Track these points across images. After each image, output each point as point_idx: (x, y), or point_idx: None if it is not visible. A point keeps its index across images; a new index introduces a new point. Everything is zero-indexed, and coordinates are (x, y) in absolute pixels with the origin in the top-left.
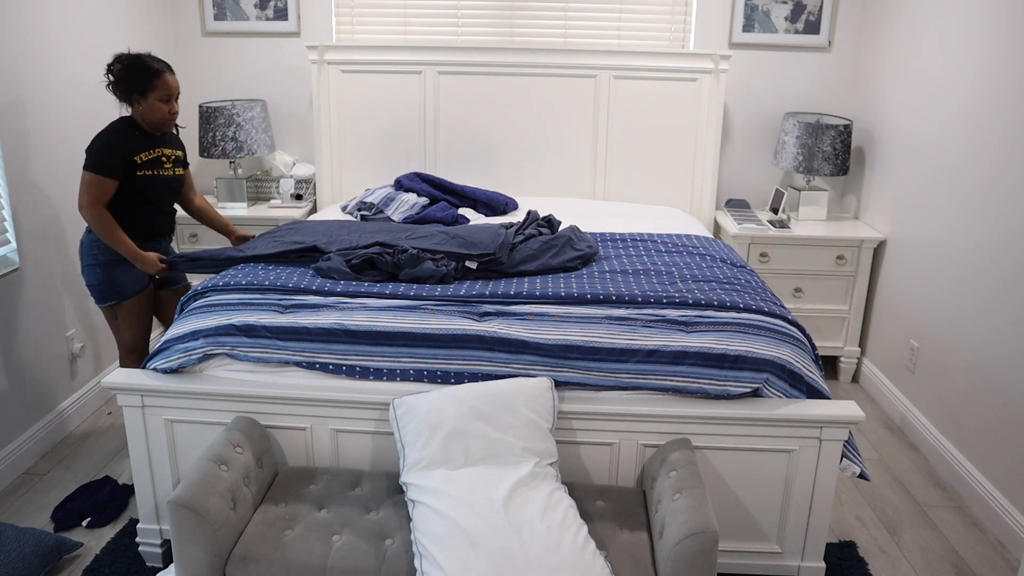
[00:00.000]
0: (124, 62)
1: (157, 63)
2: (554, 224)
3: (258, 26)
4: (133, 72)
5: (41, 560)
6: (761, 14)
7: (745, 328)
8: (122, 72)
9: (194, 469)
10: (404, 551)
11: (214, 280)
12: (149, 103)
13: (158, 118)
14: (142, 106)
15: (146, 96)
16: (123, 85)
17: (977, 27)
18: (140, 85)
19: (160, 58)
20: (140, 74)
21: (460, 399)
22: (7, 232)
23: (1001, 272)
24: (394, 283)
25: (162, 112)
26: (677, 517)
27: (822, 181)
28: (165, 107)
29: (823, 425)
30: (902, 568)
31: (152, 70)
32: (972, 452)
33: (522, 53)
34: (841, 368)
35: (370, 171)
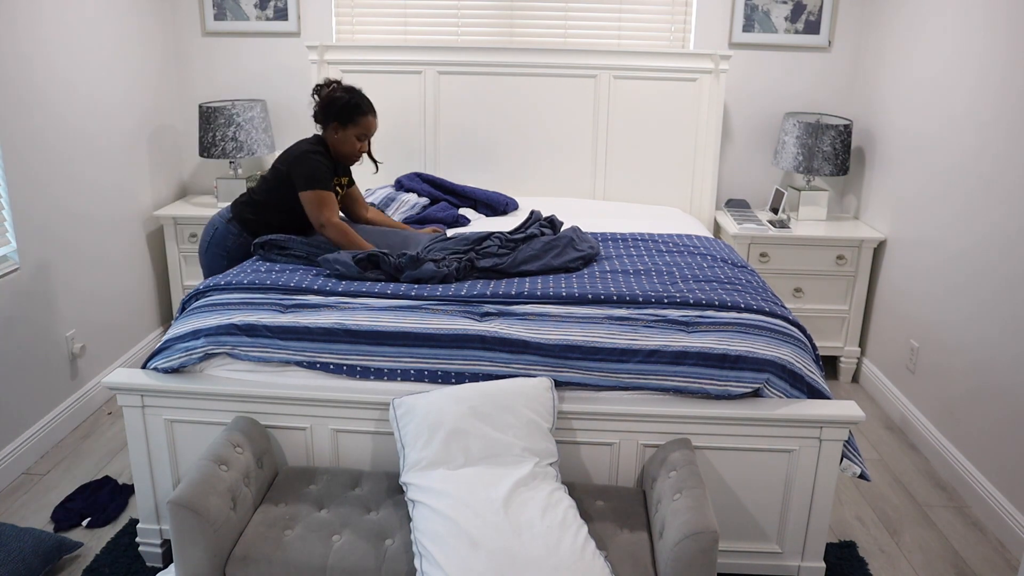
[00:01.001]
0: (333, 89)
1: (366, 103)
2: (556, 224)
3: (258, 26)
4: (343, 103)
5: (41, 560)
6: (761, 14)
7: (746, 328)
8: (331, 98)
9: (194, 469)
10: (404, 551)
11: (216, 280)
12: (346, 135)
13: (348, 151)
14: (338, 135)
15: (346, 128)
16: (328, 110)
17: (977, 27)
18: (345, 117)
19: (368, 97)
20: (348, 107)
21: (460, 399)
22: (7, 232)
23: (1001, 272)
24: (395, 283)
25: (353, 148)
26: (677, 517)
27: (822, 181)
28: (359, 144)
29: (823, 425)
30: (902, 568)
31: (360, 108)
32: (972, 452)
33: (522, 53)
34: (841, 368)
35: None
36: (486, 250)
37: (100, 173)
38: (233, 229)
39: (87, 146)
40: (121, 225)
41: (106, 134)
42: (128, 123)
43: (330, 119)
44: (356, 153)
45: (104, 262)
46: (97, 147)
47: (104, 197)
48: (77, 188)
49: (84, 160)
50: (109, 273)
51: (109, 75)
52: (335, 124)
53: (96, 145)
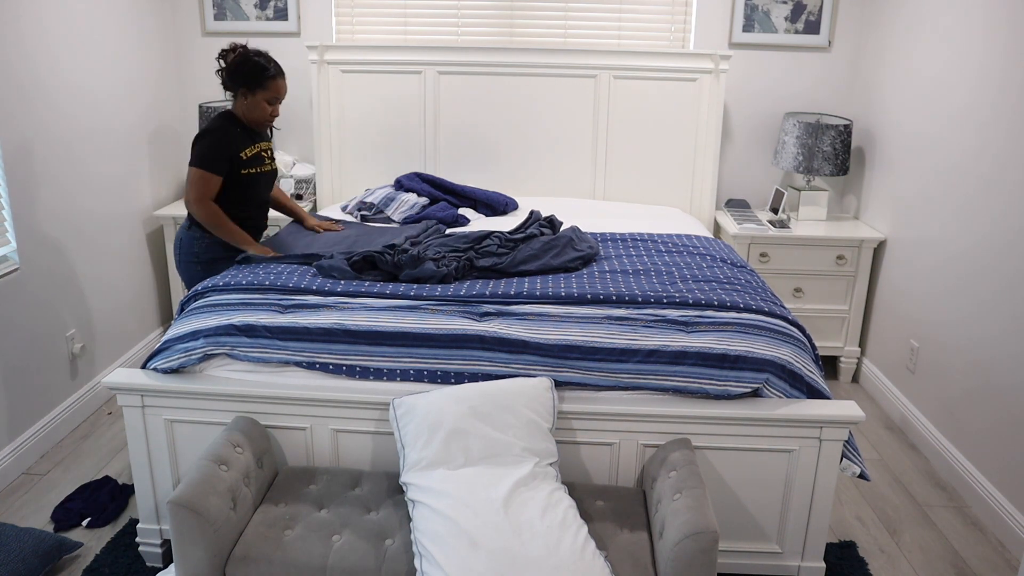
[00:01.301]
0: (241, 54)
1: (273, 65)
2: (556, 224)
3: (258, 26)
4: (248, 67)
5: (41, 560)
6: (761, 14)
7: (745, 328)
8: (237, 63)
9: (194, 469)
10: (404, 551)
11: (214, 280)
12: (255, 100)
13: (259, 117)
14: (248, 101)
15: (254, 93)
16: (235, 76)
17: (977, 27)
18: (252, 81)
19: (275, 60)
20: (255, 71)
21: (460, 399)
22: (7, 232)
23: (1001, 272)
24: (394, 283)
25: (265, 112)
26: (677, 517)
27: (822, 181)
28: (269, 108)
29: (823, 425)
30: (902, 568)
31: (267, 70)
32: (972, 452)
33: (522, 53)
34: (841, 368)
35: (370, 171)
36: (485, 249)
37: (100, 173)
38: (195, 234)
39: (87, 146)
40: (121, 225)
41: (106, 134)
42: (128, 123)
43: (238, 85)
44: (268, 118)
45: (104, 262)
46: (97, 147)
47: (104, 197)
48: (77, 188)
49: (84, 160)
50: (109, 273)
51: (109, 75)
52: (243, 90)
53: (96, 145)
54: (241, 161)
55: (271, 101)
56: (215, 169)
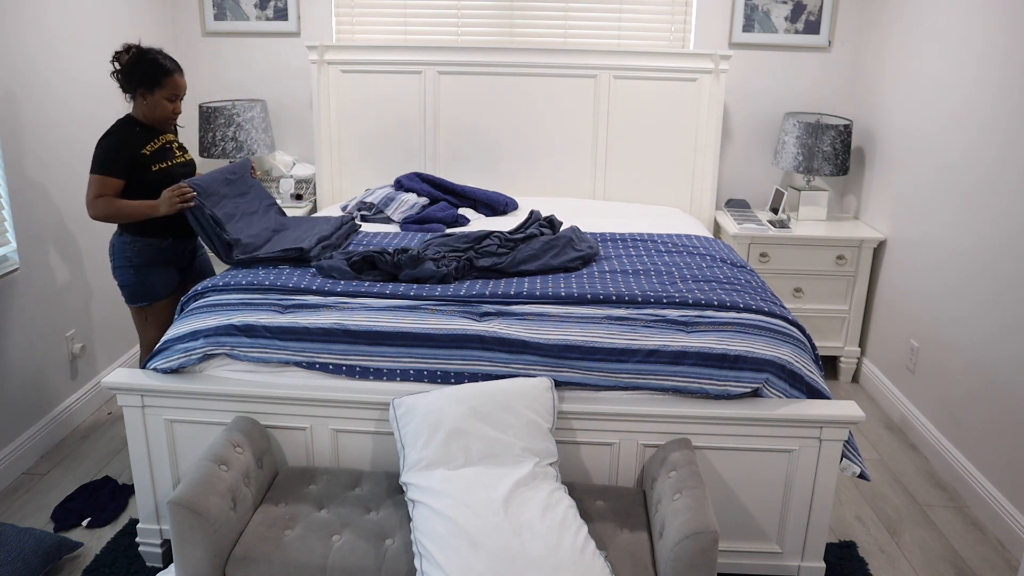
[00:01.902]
0: (135, 54)
1: (169, 61)
2: (556, 224)
3: (258, 26)
4: (144, 66)
5: (41, 560)
6: (761, 14)
7: (745, 328)
8: (132, 64)
9: (194, 469)
10: (404, 551)
11: (214, 280)
12: (155, 99)
13: (161, 115)
14: (147, 101)
15: (153, 92)
16: (131, 77)
17: (977, 27)
18: (149, 80)
19: (171, 56)
20: (151, 69)
21: (460, 399)
22: (7, 232)
23: (1001, 272)
24: (394, 283)
25: (166, 110)
26: (677, 517)
27: (822, 181)
28: (170, 106)
29: (823, 425)
30: (902, 568)
31: (164, 68)
32: (972, 452)
33: (522, 53)
34: (841, 368)
35: (370, 171)
36: (485, 249)
37: None
38: (126, 239)
39: (88, 146)
40: None
41: None
42: None
43: (135, 85)
44: (170, 115)
45: (104, 262)
46: None
47: None
48: (77, 188)
49: (84, 160)
50: (109, 273)
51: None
52: (142, 90)
53: None
54: (145, 158)
55: (171, 99)
56: (111, 172)
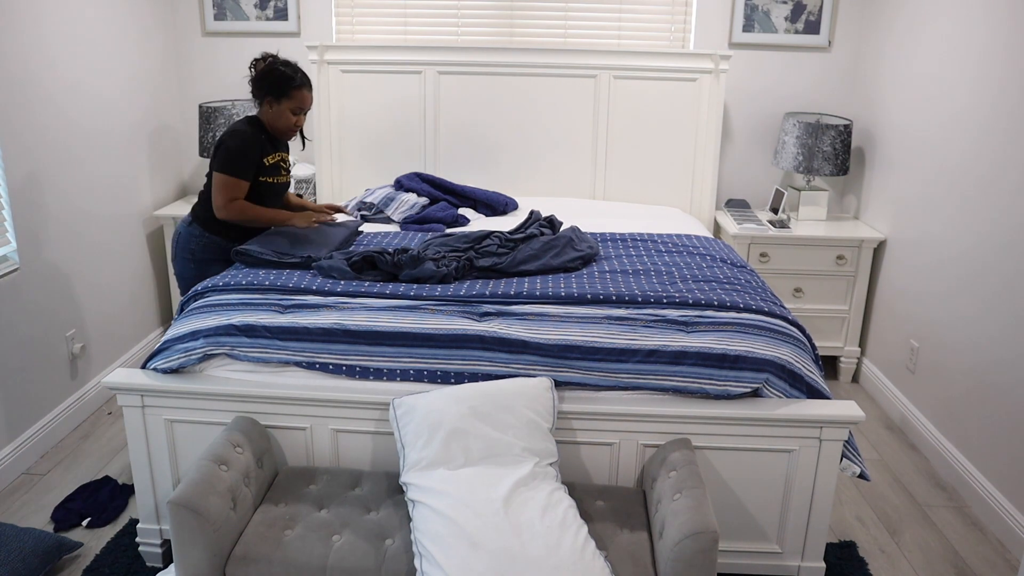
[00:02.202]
0: (269, 63)
1: (300, 75)
2: (556, 224)
3: (258, 26)
4: (275, 76)
5: (41, 560)
6: (761, 14)
7: (745, 328)
8: (264, 72)
9: (194, 469)
10: (404, 551)
11: (214, 280)
12: (281, 110)
13: (284, 126)
14: (273, 110)
15: (279, 102)
16: (262, 84)
17: (977, 27)
18: (278, 90)
19: (303, 70)
20: (282, 80)
21: (460, 399)
22: (7, 232)
23: (1001, 272)
24: (394, 283)
25: (290, 122)
26: (677, 517)
27: (822, 181)
28: (294, 118)
29: (823, 425)
30: (902, 568)
31: (293, 80)
32: (972, 452)
33: (522, 53)
34: (841, 368)
35: (370, 171)
36: (485, 249)
37: (100, 173)
38: (195, 231)
39: (87, 146)
40: (121, 225)
41: (106, 134)
42: (128, 123)
43: (264, 93)
44: (292, 128)
45: (104, 262)
46: (97, 147)
47: (104, 197)
48: (77, 188)
49: (84, 160)
50: (109, 273)
51: (109, 75)
52: (269, 99)
53: (96, 145)
54: (263, 168)
55: (296, 111)
56: (243, 175)
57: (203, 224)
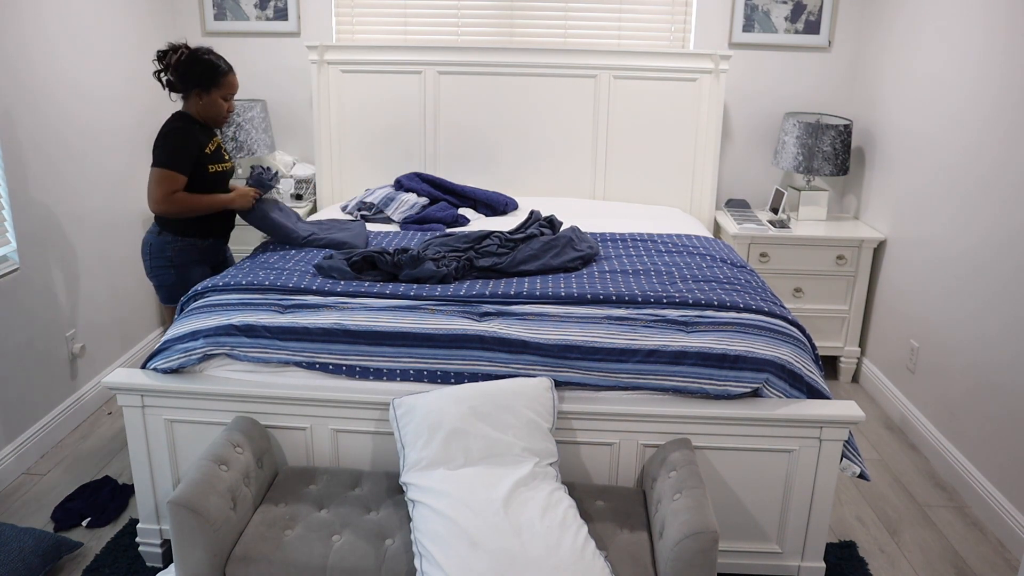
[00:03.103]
0: (188, 55)
1: (223, 61)
2: (556, 224)
3: (258, 26)
4: (200, 67)
5: (41, 560)
6: (761, 14)
7: (745, 328)
8: (187, 64)
9: (194, 469)
10: (404, 551)
11: (214, 280)
12: (211, 99)
13: (216, 114)
14: (203, 100)
15: (209, 92)
16: (186, 77)
17: (977, 27)
18: (206, 81)
19: (222, 55)
20: (208, 70)
21: (460, 399)
22: (7, 232)
23: (1001, 272)
24: (394, 283)
25: (221, 109)
26: (677, 517)
27: (822, 181)
28: (225, 104)
29: (823, 425)
30: (902, 568)
31: (220, 68)
32: (972, 452)
33: (522, 53)
34: (841, 368)
35: (370, 171)
36: (485, 249)
37: (100, 173)
38: (167, 238)
39: (87, 146)
40: (121, 225)
41: (106, 134)
42: (128, 123)
43: (191, 86)
44: (224, 114)
45: (104, 262)
46: (97, 147)
47: (104, 197)
48: (77, 188)
49: (84, 160)
50: (109, 273)
51: (109, 75)
52: (198, 90)
53: (96, 145)
54: (206, 157)
55: (226, 97)
56: (179, 167)
57: (174, 230)
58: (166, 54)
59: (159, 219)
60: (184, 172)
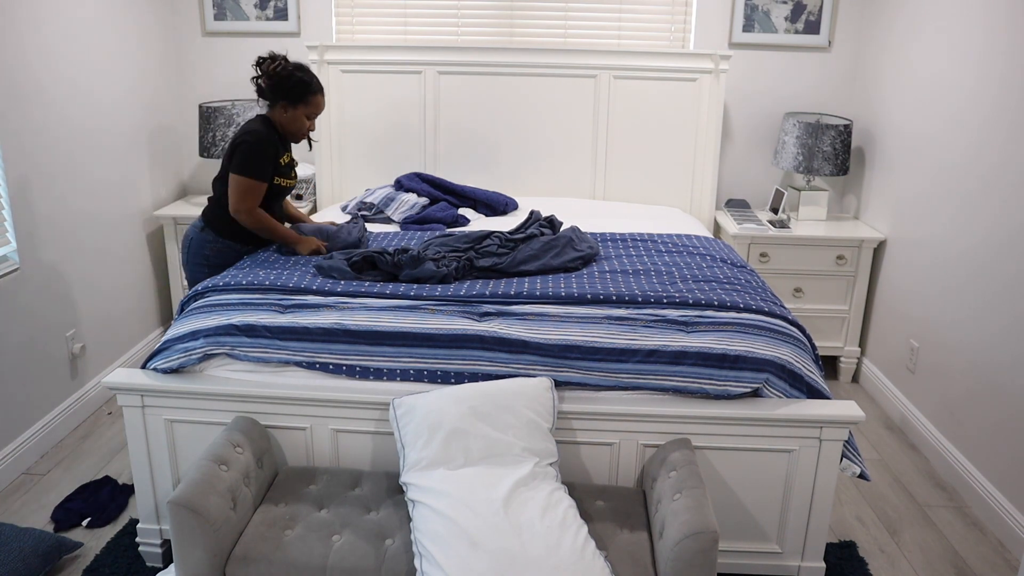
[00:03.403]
0: (284, 66)
1: (316, 81)
2: (556, 224)
3: (258, 26)
4: (293, 82)
5: (41, 560)
6: (761, 14)
7: (745, 328)
8: (282, 76)
9: (194, 469)
10: (404, 551)
11: (214, 280)
12: (296, 114)
13: (297, 130)
14: (288, 114)
15: (296, 107)
16: (279, 88)
17: (977, 27)
18: (296, 96)
19: (316, 75)
20: (300, 86)
21: (460, 399)
22: (7, 232)
23: (1001, 272)
24: (394, 283)
25: (303, 126)
26: (677, 517)
27: (822, 181)
28: (308, 123)
29: (823, 425)
30: (902, 568)
31: (311, 87)
32: (972, 452)
33: (522, 53)
34: (841, 368)
35: (370, 171)
36: (485, 249)
37: (100, 173)
38: (208, 236)
39: (87, 146)
40: (121, 225)
41: (106, 134)
42: (128, 123)
43: (279, 97)
44: (304, 132)
45: (104, 262)
46: (97, 147)
47: (104, 197)
48: (77, 188)
49: (84, 160)
50: (109, 273)
51: (109, 75)
52: (284, 103)
53: (96, 145)
54: (278, 168)
55: (310, 116)
56: (262, 176)
57: (216, 229)
58: (264, 61)
59: (205, 215)
60: (264, 179)
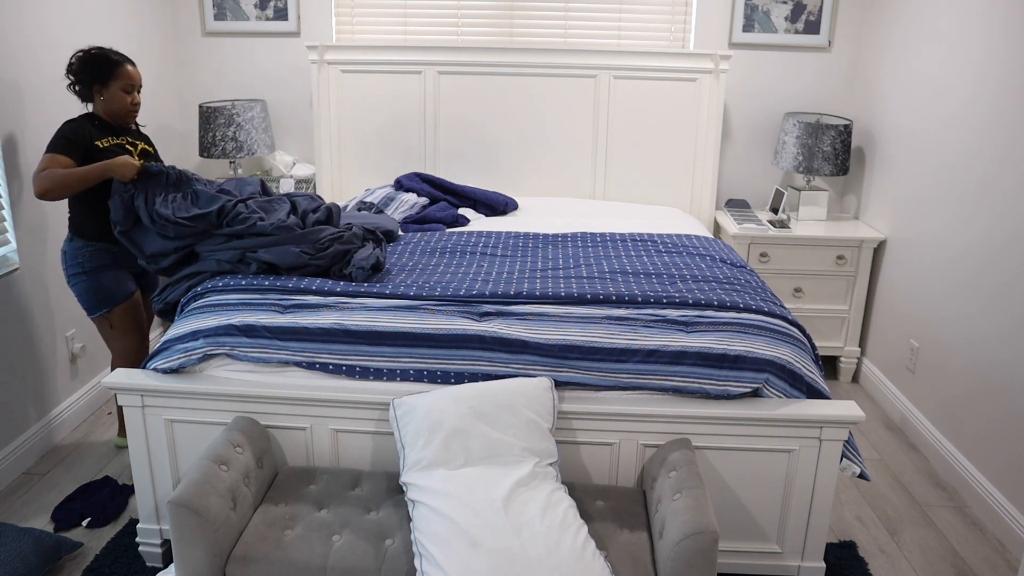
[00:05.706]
0: (81, 57)
1: (117, 54)
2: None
3: (258, 26)
4: (94, 63)
5: (41, 560)
6: (761, 14)
7: (745, 328)
8: (83, 64)
9: (194, 469)
10: (404, 551)
11: (214, 281)
12: (111, 92)
13: (120, 107)
14: (104, 96)
15: (108, 86)
16: (84, 78)
17: (977, 27)
18: (102, 75)
19: (116, 50)
20: (102, 64)
21: (460, 399)
22: (7, 232)
23: (1001, 272)
24: (394, 283)
25: (124, 102)
26: (677, 517)
27: (822, 181)
28: (128, 97)
29: (823, 425)
30: (902, 568)
31: (113, 60)
32: (972, 452)
33: (522, 53)
34: (841, 368)
35: (370, 171)
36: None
37: None
38: (78, 244)
39: None
40: None
41: None
42: None
43: (92, 84)
44: (130, 107)
45: None
46: None
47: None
48: None
49: None
50: None
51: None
52: (96, 87)
53: None
54: (99, 150)
55: (127, 89)
56: (63, 151)
57: (84, 235)
58: (70, 65)
59: (70, 225)
60: (66, 154)
